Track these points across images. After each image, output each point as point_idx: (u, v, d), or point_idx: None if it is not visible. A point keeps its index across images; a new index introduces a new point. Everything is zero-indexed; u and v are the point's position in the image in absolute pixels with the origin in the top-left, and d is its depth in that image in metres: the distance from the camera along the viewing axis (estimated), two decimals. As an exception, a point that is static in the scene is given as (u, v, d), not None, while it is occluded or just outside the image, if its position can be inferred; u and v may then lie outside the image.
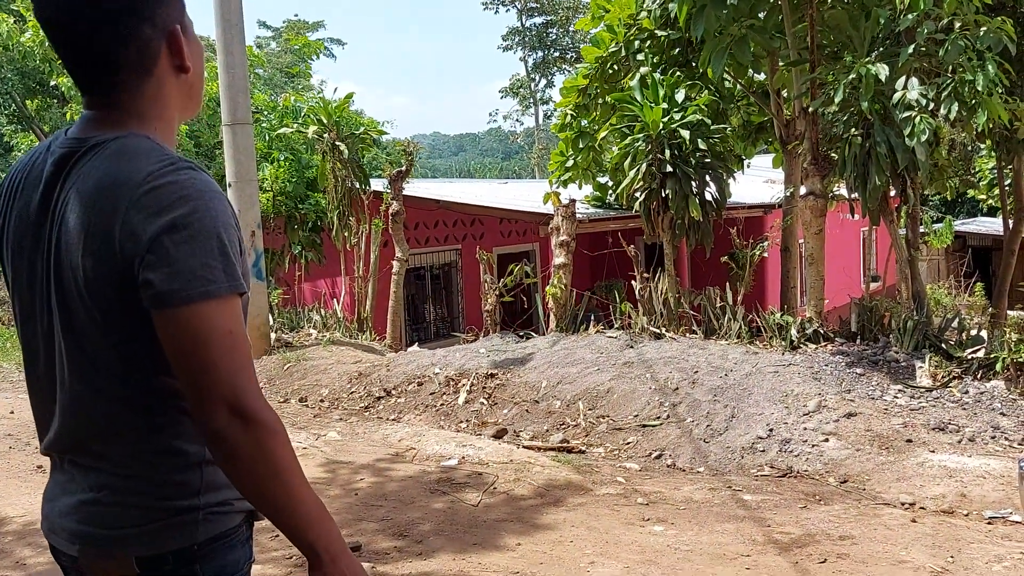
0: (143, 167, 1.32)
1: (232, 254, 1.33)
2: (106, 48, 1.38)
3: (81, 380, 1.40)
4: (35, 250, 1.41)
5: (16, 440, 6.53)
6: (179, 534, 1.39)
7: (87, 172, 1.35)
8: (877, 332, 7.50)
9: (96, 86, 1.41)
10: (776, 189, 13.48)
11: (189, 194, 1.30)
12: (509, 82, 48.58)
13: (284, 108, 13.30)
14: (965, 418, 6.09)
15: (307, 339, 9.94)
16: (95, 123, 1.41)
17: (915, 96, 6.64)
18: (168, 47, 1.43)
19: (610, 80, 10.78)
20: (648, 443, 6.36)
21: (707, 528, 4.62)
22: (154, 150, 1.35)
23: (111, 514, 1.40)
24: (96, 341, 1.37)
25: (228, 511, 1.45)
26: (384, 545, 4.38)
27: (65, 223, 1.36)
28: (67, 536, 1.44)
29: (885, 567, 4.02)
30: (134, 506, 1.39)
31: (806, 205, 8.24)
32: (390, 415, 7.54)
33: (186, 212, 1.28)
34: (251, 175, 9.35)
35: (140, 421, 1.39)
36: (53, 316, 1.40)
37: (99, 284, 1.33)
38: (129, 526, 1.38)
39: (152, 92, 1.43)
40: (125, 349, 1.36)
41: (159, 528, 1.39)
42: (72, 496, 1.44)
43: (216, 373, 1.28)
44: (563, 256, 8.99)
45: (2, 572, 4.03)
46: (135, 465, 1.40)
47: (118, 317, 1.34)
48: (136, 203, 1.29)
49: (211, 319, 1.28)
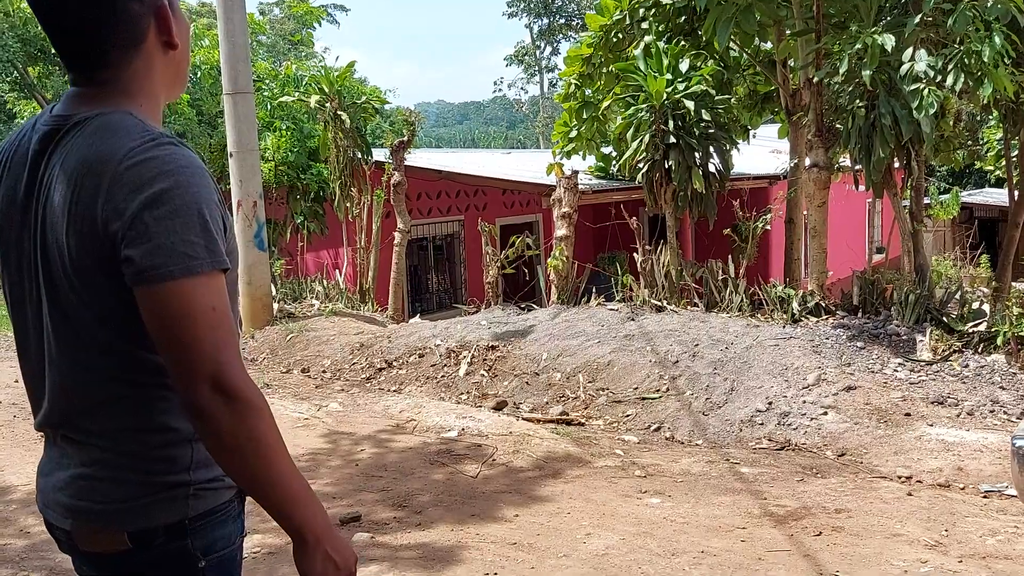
0: (125, 143, 1.31)
1: (214, 230, 1.32)
2: (94, 24, 1.37)
3: (69, 357, 1.41)
4: (23, 228, 1.42)
5: (20, 410, 6.58)
6: (170, 509, 1.40)
7: (71, 149, 1.35)
8: (879, 305, 7.49)
9: (83, 62, 1.41)
10: (781, 159, 13.38)
11: (171, 170, 1.29)
12: (514, 49, 48.16)
13: (286, 77, 13.20)
14: (964, 392, 6.10)
15: (309, 310, 9.96)
16: (80, 99, 1.41)
17: (922, 67, 6.56)
18: (156, 24, 1.42)
19: (614, 49, 10.66)
20: (647, 416, 6.39)
21: (703, 500, 4.65)
22: (136, 126, 1.35)
23: (103, 489, 1.41)
24: (82, 318, 1.37)
25: (219, 487, 1.46)
26: (384, 515, 4.42)
27: (50, 201, 1.36)
28: (61, 511, 1.45)
29: (880, 540, 4.05)
30: (125, 481, 1.40)
31: (810, 177, 8.19)
32: (391, 386, 7.57)
33: (167, 187, 1.28)
34: (252, 144, 9.32)
35: (129, 397, 1.40)
36: (41, 293, 1.41)
37: (83, 261, 1.33)
38: (120, 501, 1.40)
39: (139, 69, 1.42)
40: (111, 326, 1.37)
41: (150, 503, 1.40)
42: (65, 471, 1.45)
43: (198, 350, 1.28)
44: (565, 228, 8.97)
45: (6, 540, 4.08)
46: (125, 441, 1.41)
47: (103, 294, 1.35)
48: (118, 179, 1.29)
49: (192, 296, 1.28)
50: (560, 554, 3.89)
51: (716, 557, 3.85)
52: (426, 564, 3.78)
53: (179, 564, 1.43)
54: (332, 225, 12.71)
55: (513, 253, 9.71)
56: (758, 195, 14.05)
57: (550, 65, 45.78)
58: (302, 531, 1.37)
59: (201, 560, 1.43)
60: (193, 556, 1.43)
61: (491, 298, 9.88)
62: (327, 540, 1.39)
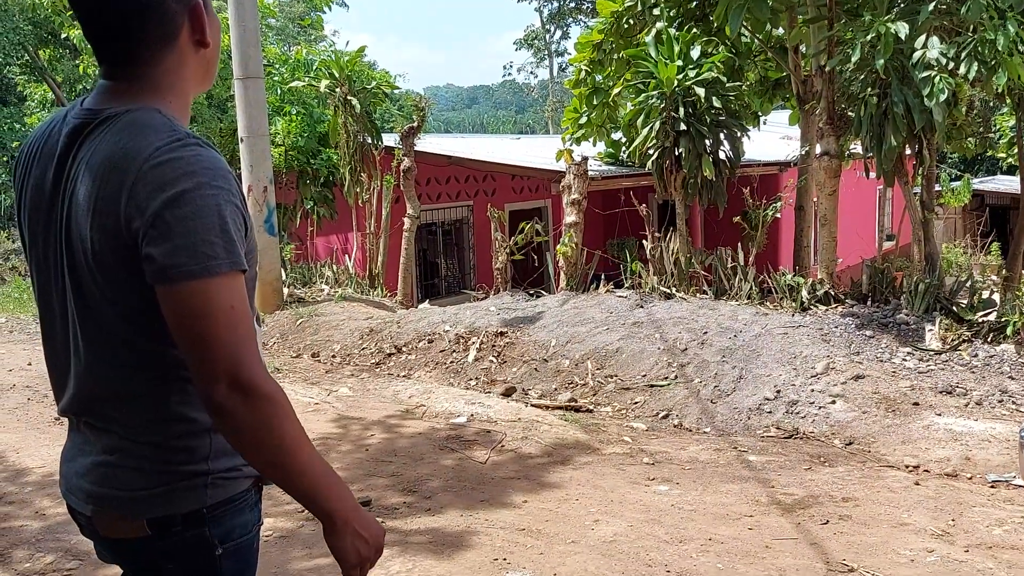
0: (151, 141, 1.33)
1: (234, 231, 1.34)
2: (130, 20, 1.39)
3: (92, 347, 1.44)
4: (49, 221, 1.45)
5: (34, 392, 6.65)
6: (188, 498, 1.44)
7: (98, 145, 1.38)
8: (888, 294, 7.49)
9: (116, 57, 1.43)
10: (792, 146, 13.33)
11: (194, 170, 1.32)
12: (524, 33, 47.97)
13: (296, 61, 13.19)
14: (973, 381, 6.10)
15: (319, 295, 10.01)
16: (110, 94, 1.43)
17: (935, 55, 6.53)
18: (190, 22, 1.45)
19: (625, 35, 10.61)
20: (655, 403, 6.42)
21: (711, 488, 4.68)
22: (164, 125, 1.37)
23: (123, 476, 1.44)
24: (105, 311, 1.40)
25: (236, 476, 1.50)
26: (394, 500, 4.47)
27: (75, 195, 1.39)
28: (82, 496, 1.49)
29: (886, 529, 4.07)
30: (145, 470, 1.43)
31: (820, 165, 8.16)
32: (401, 372, 7.62)
33: (190, 188, 1.30)
34: (263, 129, 9.34)
35: (148, 388, 1.43)
36: (66, 284, 1.44)
37: (106, 256, 1.36)
38: (140, 488, 1.43)
39: (171, 66, 1.45)
40: (132, 321, 1.40)
41: (169, 491, 1.43)
42: (87, 457, 1.49)
43: (216, 348, 1.31)
44: (574, 214, 8.97)
45: (23, 522, 4.14)
46: (145, 430, 1.44)
47: (124, 288, 1.37)
48: (142, 177, 1.31)
49: (211, 295, 1.30)
50: (568, 540, 3.93)
51: (723, 544, 3.88)
52: (436, 549, 3.82)
53: (197, 551, 1.46)
54: (342, 210, 12.73)
55: (522, 239, 9.73)
56: (768, 182, 14.00)
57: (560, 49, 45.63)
58: (331, 514, 1.41)
59: (218, 547, 1.47)
60: (211, 543, 1.46)
61: (500, 284, 9.90)
62: (355, 519, 1.44)
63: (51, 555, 3.73)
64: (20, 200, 1.52)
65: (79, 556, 3.66)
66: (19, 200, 1.52)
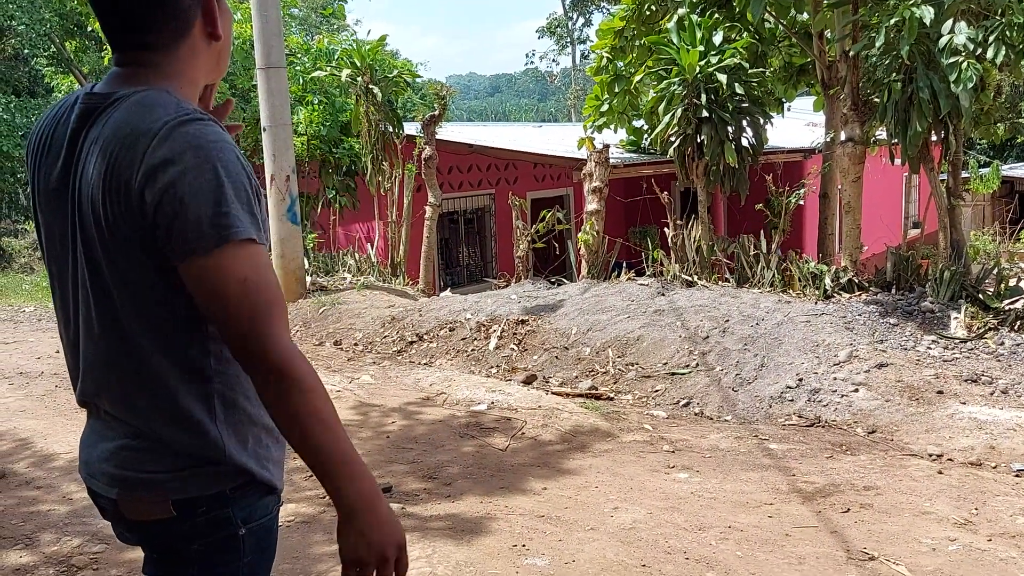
0: (160, 116, 1.34)
1: (244, 203, 1.35)
2: (145, 11, 1.41)
3: (110, 332, 1.45)
4: (62, 204, 1.45)
5: (62, 379, 6.76)
6: (210, 481, 1.46)
7: (107, 123, 1.39)
8: (913, 282, 7.41)
9: (128, 45, 1.45)
10: (817, 132, 13.20)
11: (201, 144, 1.33)
12: (546, 21, 47.77)
13: (318, 51, 13.23)
14: (999, 370, 6.03)
15: (342, 283, 10.07)
16: (122, 79, 1.45)
17: (961, 40, 6.43)
18: (202, 15, 1.47)
19: (647, 22, 10.56)
20: (676, 391, 6.40)
21: (731, 476, 4.66)
22: (172, 102, 1.38)
23: (146, 459, 1.46)
24: (119, 294, 1.41)
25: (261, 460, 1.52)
26: (413, 487, 4.49)
27: (86, 176, 1.39)
28: (107, 480, 1.50)
29: (908, 518, 4.05)
30: (169, 452, 1.45)
31: (844, 152, 8.08)
32: (422, 359, 7.65)
33: (200, 161, 1.31)
34: (285, 119, 9.39)
35: (167, 372, 1.44)
36: (79, 268, 1.45)
37: (117, 234, 1.37)
38: (163, 471, 1.45)
39: (182, 55, 1.47)
40: (149, 300, 1.41)
41: (193, 474, 1.45)
42: (110, 442, 1.50)
43: (233, 322, 1.33)
44: (595, 202, 8.95)
45: (50, 506, 4.22)
46: (166, 415, 1.45)
47: (141, 267, 1.38)
48: (152, 152, 1.32)
49: (224, 267, 1.32)
50: (587, 527, 3.94)
51: (743, 532, 3.88)
52: (455, 535, 3.84)
53: (221, 531, 1.48)
54: (364, 199, 12.78)
55: (543, 227, 9.72)
56: (793, 169, 13.88)
57: (582, 36, 45.40)
58: (342, 501, 1.40)
59: (241, 528, 1.49)
60: (234, 524, 1.48)
61: (521, 272, 9.91)
62: (363, 516, 1.40)
63: (78, 539, 3.79)
64: (34, 187, 1.53)
65: (105, 540, 3.72)
66: (33, 187, 1.53)
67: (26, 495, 4.35)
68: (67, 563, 3.57)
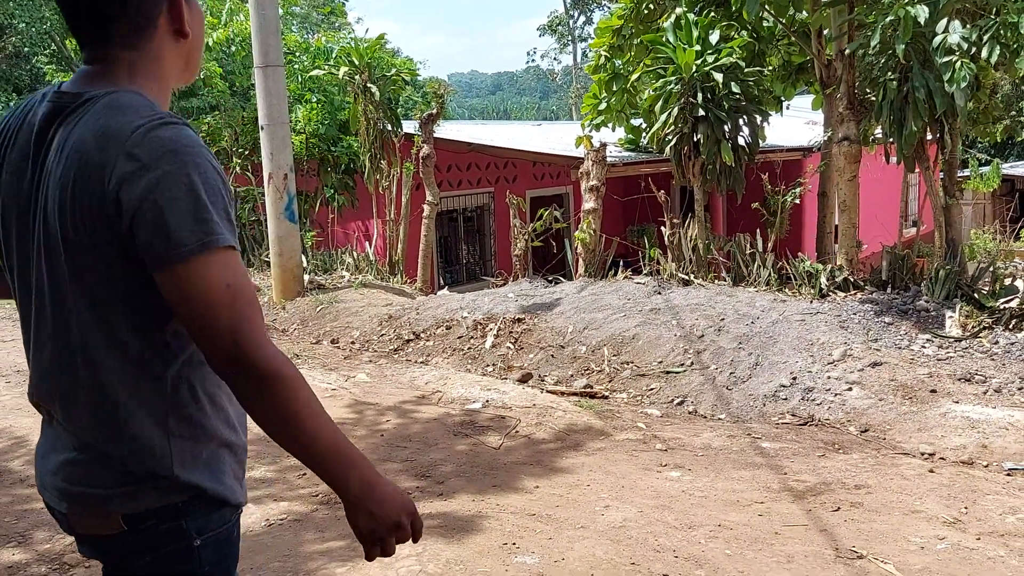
0: (133, 121, 1.32)
1: (220, 208, 1.34)
2: (108, 5, 1.40)
3: (61, 339, 1.43)
4: (27, 206, 1.42)
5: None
6: (159, 496, 1.42)
7: (77, 126, 1.36)
8: (908, 281, 7.42)
9: (96, 42, 1.43)
10: (817, 131, 13.20)
11: (176, 149, 1.31)
12: (547, 19, 47.77)
13: (316, 49, 13.25)
14: (993, 369, 6.04)
15: (340, 281, 10.08)
16: (90, 78, 1.43)
17: (956, 39, 6.43)
18: (168, 9, 1.45)
19: (645, 20, 10.56)
20: (671, 389, 6.42)
21: (723, 475, 4.68)
22: (145, 105, 1.36)
23: (94, 473, 1.42)
24: (75, 302, 1.39)
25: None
26: (406, 485, 4.51)
27: (52, 178, 1.36)
28: (57, 493, 1.47)
29: (897, 516, 4.06)
30: (114, 467, 1.41)
31: (840, 151, 8.08)
32: (418, 358, 7.67)
33: (175, 167, 1.30)
34: (283, 117, 9.40)
35: (122, 384, 1.41)
36: (42, 273, 1.42)
37: (83, 241, 1.35)
38: (111, 486, 1.41)
39: (151, 53, 1.45)
40: (103, 312, 1.38)
41: (139, 490, 1.42)
42: (60, 454, 1.47)
43: (215, 328, 1.30)
44: (592, 201, 8.96)
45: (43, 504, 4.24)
46: (110, 430, 1.42)
47: (98, 276, 1.36)
48: (125, 157, 1.30)
49: (206, 274, 1.30)
50: (578, 525, 3.96)
51: (732, 531, 3.89)
52: (446, 533, 3.86)
53: (174, 544, 1.45)
54: (362, 197, 12.80)
55: (541, 226, 9.73)
56: (792, 167, 13.88)
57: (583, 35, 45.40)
58: (343, 492, 1.40)
59: (196, 539, 1.45)
60: (188, 535, 1.44)
61: (519, 271, 9.92)
62: (369, 498, 1.41)
63: (70, 537, 3.81)
64: None
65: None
66: None
67: (20, 493, 4.37)
68: (59, 561, 3.59)
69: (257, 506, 4.22)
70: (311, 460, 1.38)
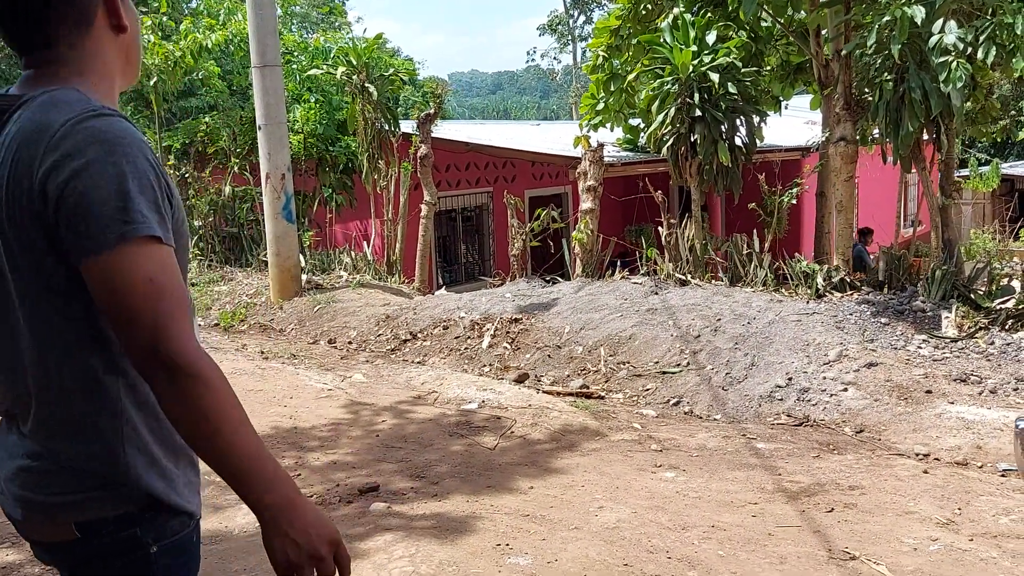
0: (63, 114, 1.31)
1: (150, 200, 1.30)
2: (42, 6, 1.39)
3: (10, 342, 1.41)
4: None
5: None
6: (114, 503, 1.39)
7: (13, 126, 1.36)
8: (904, 281, 7.43)
9: (32, 46, 1.42)
10: (816, 131, 13.20)
11: (105, 139, 1.29)
12: (547, 19, 47.77)
13: (315, 49, 13.25)
14: (989, 369, 6.05)
15: (337, 281, 10.09)
16: (32, 81, 1.42)
17: (952, 40, 6.44)
18: (104, 5, 1.45)
19: (643, 21, 10.56)
20: (667, 390, 6.42)
21: (718, 475, 4.69)
22: (79, 100, 1.34)
23: (47, 481, 1.40)
24: (21, 302, 1.37)
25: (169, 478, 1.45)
26: (401, 485, 4.52)
27: None
28: (11, 501, 1.45)
29: (891, 517, 4.07)
30: (67, 474, 1.39)
31: (836, 151, 8.09)
32: (415, 358, 7.67)
33: (100, 156, 1.27)
34: (280, 117, 9.40)
35: (67, 391, 1.38)
36: None
37: (21, 238, 1.33)
38: (67, 492, 1.39)
39: (89, 50, 1.44)
40: (48, 312, 1.36)
41: (93, 497, 1.39)
42: (14, 461, 1.44)
43: (136, 323, 1.26)
44: (590, 201, 8.96)
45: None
46: (63, 435, 1.40)
47: (40, 275, 1.34)
48: (52, 149, 1.28)
49: (127, 265, 1.26)
50: (571, 526, 3.96)
51: (726, 532, 3.90)
52: (440, 534, 3.87)
53: (130, 551, 1.41)
54: (360, 197, 12.80)
55: (539, 226, 9.73)
56: (790, 167, 13.88)
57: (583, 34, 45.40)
58: (257, 508, 1.32)
59: (153, 546, 1.41)
60: (144, 543, 1.41)
61: (516, 271, 9.92)
62: (286, 517, 1.33)
63: (65, 537, 3.81)
64: None
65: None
66: None
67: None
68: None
69: (251, 507, 4.23)
70: (226, 470, 1.30)
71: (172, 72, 11.86)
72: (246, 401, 5.22)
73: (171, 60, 11.79)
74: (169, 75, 11.84)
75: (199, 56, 12.08)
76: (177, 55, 11.83)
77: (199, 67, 12.30)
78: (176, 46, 11.90)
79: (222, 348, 7.85)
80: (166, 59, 11.75)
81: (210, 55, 12.54)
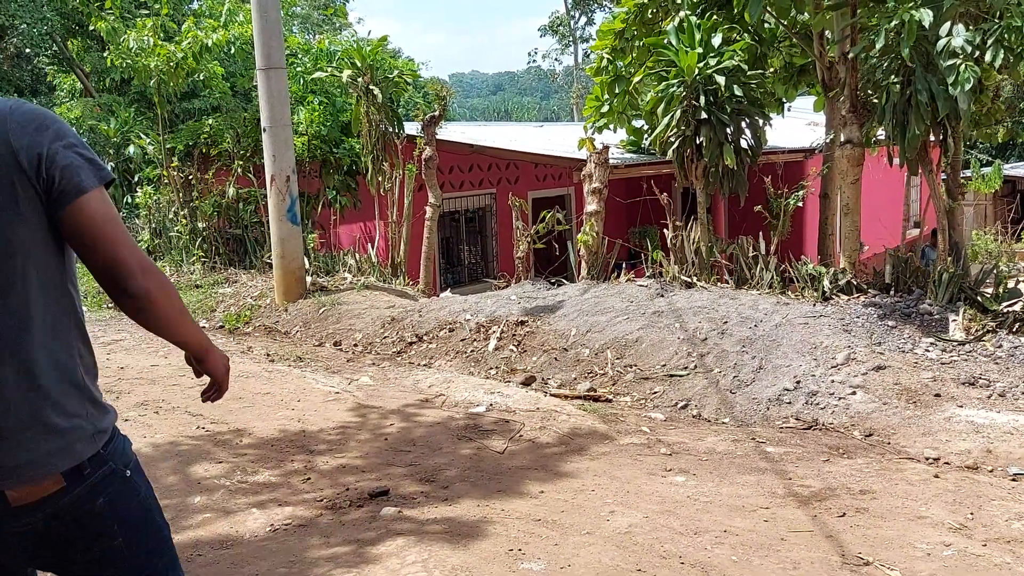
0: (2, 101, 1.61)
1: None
2: None
3: None
4: None
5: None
6: (87, 444, 1.65)
7: None
8: (911, 284, 7.42)
9: None
10: (819, 132, 13.20)
11: (50, 114, 1.64)
12: (548, 20, 47.78)
13: (319, 51, 13.24)
14: (997, 372, 6.04)
15: (342, 283, 10.08)
16: None
17: (959, 43, 6.43)
18: None
19: (648, 23, 10.57)
20: (675, 393, 6.41)
21: (728, 479, 4.68)
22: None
23: (27, 442, 1.60)
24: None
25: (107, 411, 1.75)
26: (411, 489, 4.51)
27: None
28: None
29: (903, 522, 4.06)
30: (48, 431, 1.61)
31: (843, 154, 8.08)
32: (421, 361, 7.66)
33: (60, 125, 1.63)
34: (285, 119, 9.40)
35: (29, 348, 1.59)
36: None
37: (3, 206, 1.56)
38: (44, 448, 1.60)
39: None
40: (17, 267, 1.57)
41: (67, 444, 1.62)
42: None
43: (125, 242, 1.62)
44: (595, 203, 8.96)
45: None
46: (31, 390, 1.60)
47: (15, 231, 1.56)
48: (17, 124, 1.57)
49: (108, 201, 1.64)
50: (584, 531, 3.95)
51: (738, 536, 3.89)
52: (451, 539, 3.86)
53: (112, 483, 1.68)
54: (365, 199, 12.79)
55: (543, 228, 9.72)
56: (793, 169, 13.88)
57: (584, 35, 45.40)
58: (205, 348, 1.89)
59: (126, 471, 1.72)
60: (120, 471, 1.71)
61: (521, 273, 9.92)
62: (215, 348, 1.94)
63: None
64: None
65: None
66: None
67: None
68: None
69: (261, 511, 4.22)
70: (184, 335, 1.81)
71: (174, 73, 11.85)
72: (255, 404, 5.22)
73: (172, 61, 11.79)
74: (171, 76, 11.83)
75: (201, 56, 12.06)
76: (179, 56, 11.82)
77: (202, 68, 12.29)
78: (178, 47, 11.89)
79: (227, 351, 7.84)
80: (167, 60, 11.74)
81: (212, 56, 12.53)
